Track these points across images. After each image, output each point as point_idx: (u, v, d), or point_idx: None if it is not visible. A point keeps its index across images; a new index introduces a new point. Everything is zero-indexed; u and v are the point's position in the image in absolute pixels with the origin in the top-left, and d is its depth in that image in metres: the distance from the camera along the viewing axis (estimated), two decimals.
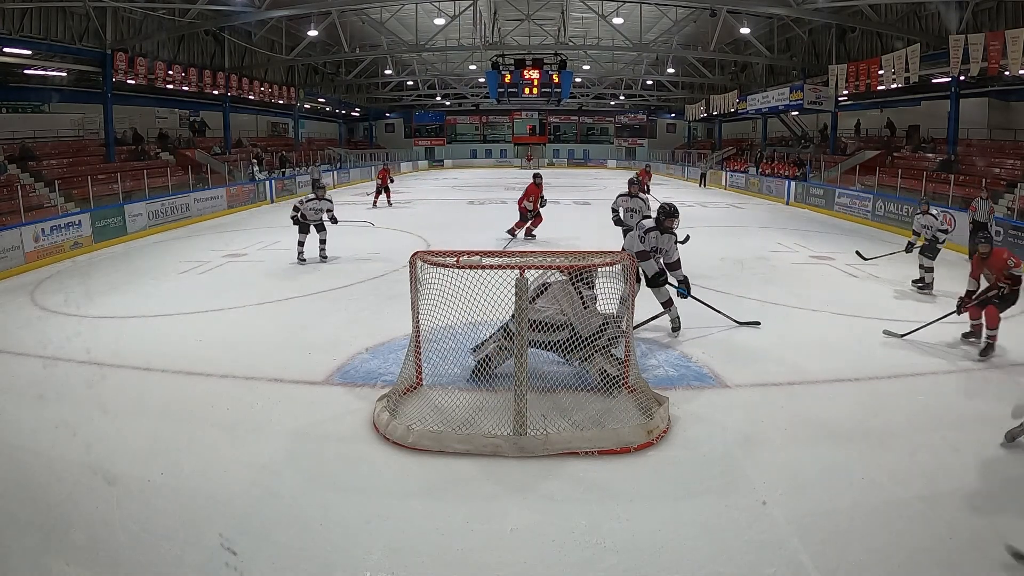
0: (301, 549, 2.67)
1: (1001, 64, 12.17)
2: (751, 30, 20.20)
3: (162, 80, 16.90)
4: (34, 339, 5.50)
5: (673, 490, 3.16)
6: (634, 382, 4.01)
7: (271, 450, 3.52)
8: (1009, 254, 5.13)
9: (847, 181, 16.55)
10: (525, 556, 2.64)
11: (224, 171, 18.33)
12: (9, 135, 14.94)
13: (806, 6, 15.13)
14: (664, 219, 5.43)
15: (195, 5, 15.71)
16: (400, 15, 21.94)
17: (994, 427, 3.78)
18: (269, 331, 5.74)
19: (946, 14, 14.01)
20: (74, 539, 2.74)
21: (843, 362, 4.85)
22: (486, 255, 5.07)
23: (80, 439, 3.60)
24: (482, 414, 3.64)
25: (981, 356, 4.95)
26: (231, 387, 4.39)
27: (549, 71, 20.05)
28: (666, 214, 5.43)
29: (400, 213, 15.00)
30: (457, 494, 3.12)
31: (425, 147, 40.45)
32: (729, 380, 4.52)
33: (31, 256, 8.97)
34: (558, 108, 35.05)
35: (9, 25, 13.24)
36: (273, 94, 22.86)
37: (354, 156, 30.23)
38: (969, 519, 2.88)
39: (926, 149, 17.50)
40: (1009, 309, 5.11)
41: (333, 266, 8.45)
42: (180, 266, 8.70)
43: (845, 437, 3.67)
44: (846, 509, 2.96)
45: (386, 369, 4.63)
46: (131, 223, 11.68)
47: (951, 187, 12.42)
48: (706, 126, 34.38)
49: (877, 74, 15.98)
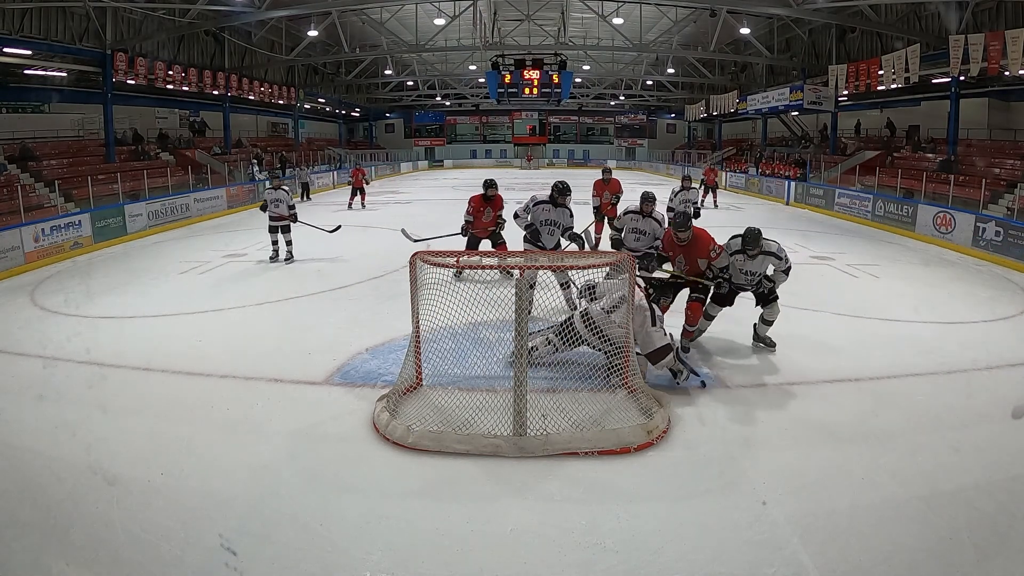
0: (301, 549, 2.67)
1: (1001, 64, 12.16)
2: (751, 30, 20.20)
3: (162, 80, 16.89)
4: (34, 339, 5.50)
5: (673, 490, 3.16)
6: (634, 383, 4.01)
7: (271, 450, 3.51)
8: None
9: (847, 181, 16.55)
10: (525, 556, 2.64)
11: (224, 171, 18.32)
12: (9, 135, 14.93)
13: (806, 6, 15.13)
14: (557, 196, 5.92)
15: (195, 5, 15.70)
16: (400, 15, 21.94)
17: (994, 427, 3.78)
18: (269, 331, 5.74)
19: (946, 14, 14.00)
20: (74, 539, 2.74)
21: (843, 362, 4.85)
22: (486, 255, 5.09)
23: (80, 439, 3.60)
24: (482, 414, 3.64)
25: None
26: (231, 387, 4.39)
27: (549, 71, 20.04)
28: (559, 191, 5.91)
29: (401, 213, 14.99)
30: (457, 494, 3.12)
31: (425, 147, 40.46)
32: (729, 380, 4.52)
33: (31, 256, 8.97)
34: (558, 108, 35.10)
35: (9, 25, 13.24)
36: (273, 94, 22.85)
37: (354, 156, 30.21)
38: (969, 519, 2.88)
39: (926, 149, 17.50)
40: (996, 309, 5.07)
41: (333, 266, 8.45)
42: (180, 266, 8.70)
43: (845, 437, 3.67)
44: (846, 509, 2.95)
45: (386, 369, 4.62)
46: (131, 223, 11.67)
47: (951, 187, 12.42)
48: (706, 126, 34.39)
49: (877, 74, 15.98)
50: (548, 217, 5.96)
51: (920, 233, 11.45)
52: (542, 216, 5.95)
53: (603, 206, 9.02)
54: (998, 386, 4.49)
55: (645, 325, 4.17)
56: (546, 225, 5.97)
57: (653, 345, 4.19)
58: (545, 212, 5.96)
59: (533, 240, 5.99)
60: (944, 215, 10.92)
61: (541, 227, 5.96)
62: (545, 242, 6.00)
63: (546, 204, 5.96)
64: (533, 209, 5.97)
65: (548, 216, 5.96)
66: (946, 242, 10.64)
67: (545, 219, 5.96)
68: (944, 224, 10.84)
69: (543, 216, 5.95)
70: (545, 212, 5.96)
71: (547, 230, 5.98)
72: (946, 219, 10.83)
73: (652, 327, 4.17)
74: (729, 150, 29.34)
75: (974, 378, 4.62)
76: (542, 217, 5.95)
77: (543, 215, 5.95)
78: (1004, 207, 11.55)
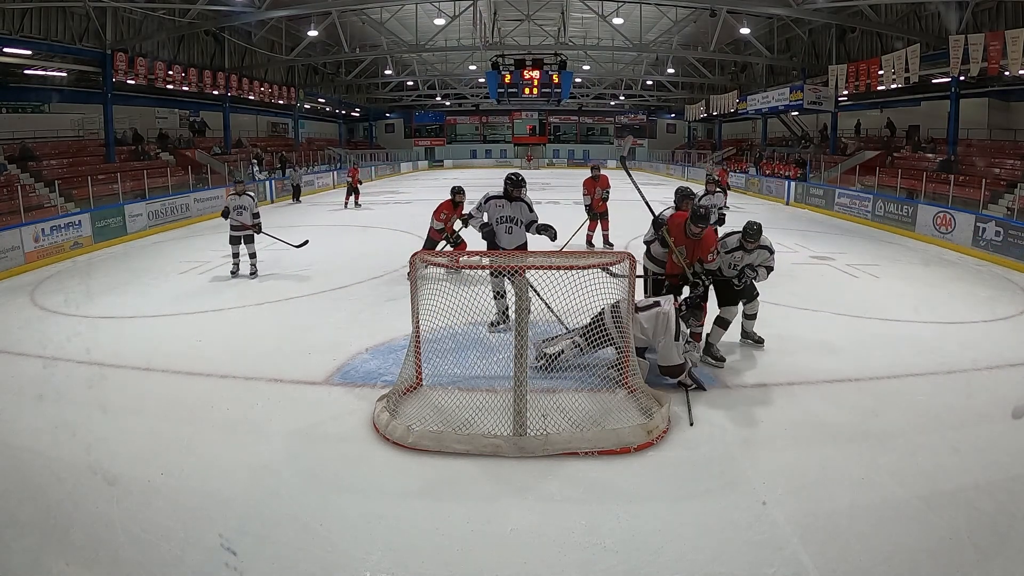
0: (301, 549, 2.67)
1: (1001, 64, 12.17)
2: (751, 30, 20.20)
3: (162, 80, 16.89)
4: (34, 339, 5.50)
5: (673, 490, 3.16)
6: (634, 383, 4.01)
7: (271, 450, 3.51)
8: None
9: (847, 181, 16.55)
10: (525, 556, 2.64)
11: (224, 171, 18.32)
12: (9, 135, 14.93)
13: (806, 6, 15.13)
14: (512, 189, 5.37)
15: (195, 5, 15.70)
16: (400, 15, 21.94)
17: (994, 427, 3.78)
18: (269, 331, 5.74)
19: (946, 14, 14.01)
20: (74, 539, 2.74)
21: (843, 362, 4.85)
22: (486, 255, 5.08)
23: (80, 439, 3.60)
24: (482, 414, 3.64)
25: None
26: (231, 387, 4.39)
27: (549, 71, 20.04)
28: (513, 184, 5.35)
29: (401, 213, 14.99)
30: (457, 494, 3.12)
31: (425, 147, 40.44)
32: (729, 380, 4.52)
33: (31, 256, 8.97)
34: (558, 108, 35.07)
35: (9, 25, 13.24)
36: (273, 94, 22.85)
37: (354, 156, 30.22)
38: (969, 519, 2.88)
39: (926, 149, 17.50)
40: (996, 309, 5.07)
41: (333, 266, 8.44)
42: (180, 266, 8.70)
43: (845, 437, 3.67)
44: (846, 509, 2.95)
45: (386, 369, 4.62)
46: (131, 223, 11.67)
47: (951, 187, 12.42)
48: (706, 126, 34.38)
49: (877, 74, 15.99)
50: (504, 214, 5.35)
51: (920, 233, 11.46)
52: (497, 213, 5.36)
53: (594, 203, 9.31)
54: (998, 386, 4.48)
55: (668, 336, 4.17)
56: (503, 223, 5.37)
57: (670, 360, 4.22)
58: (500, 208, 5.36)
59: (490, 243, 5.41)
60: (944, 215, 10.92)
61: (497, 226, 5.37)
62: (503, 242, 5.38)
63: (500, 199, 5.36)
64: (486, 207, 5.38)
65: (503, 212, 5.35)
66: (946, 242, 10.64)
67: (500, 216, 5.36)
68: (944, 224, 10.84)
69: (498, 213, 5.36)
70: (500, 208, 5.36)
71: (504, 228, 5.38)
72: (946, 219, 10.83)
73: (675, 341, 4.18)
74: (729, 150, 29.34)
75: (974, 378, 4.62)
76: (497, 214, 5.36)
77: (498, 212, 5.36)
78: (1004, 207, 11.55)
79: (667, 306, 4.27)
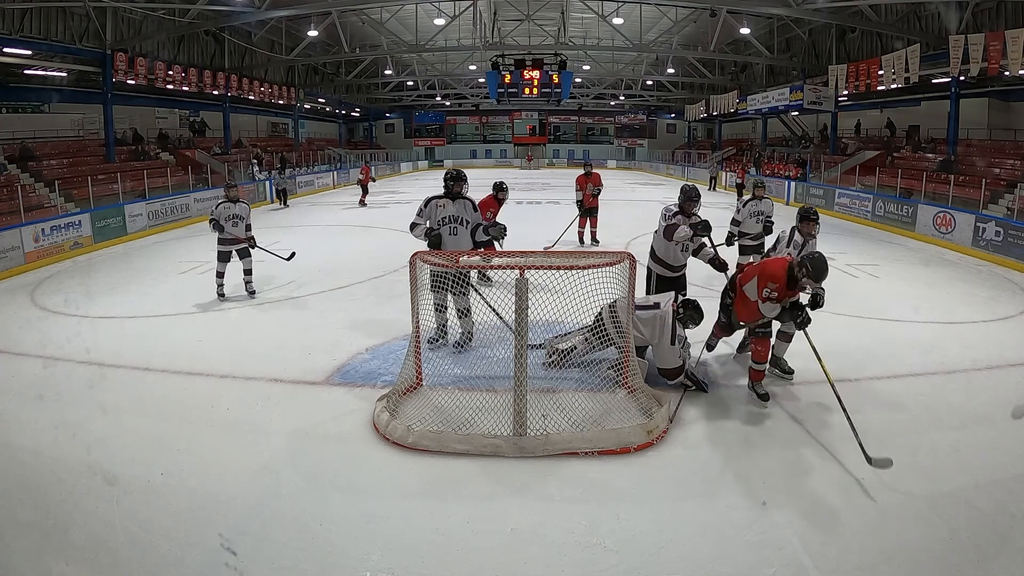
0: (301, 549, 2.67)
1: (1001, 64, 12.16)
2: (751, 30, 20.20)
3: (162, 80, 16.89)
4: (34, 339, 5.50)
5: (673, 490, 3.16)
6: (634, 383, 4.01)
7: (271, 450, 3.51)
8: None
9: (847, 181, 16.56)
10: (525, 556, 2.64)
11: (224, 171, 18.33)
12: (9, 135, 14.93)
13: (806, 6, 15.13)
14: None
15: (195, 5, 15.71)
16: (400, 15, 21.94)
17: (994, 427, 3.78)
18: (269, 331, 5.74)
19: (946, 14, 14.01)
20: (74, 539, 2.74)
21: (843, 362, 4.83)
22: (485, 255, 5.08)
23: (80, 439, 3.60)
24: (482, 414, 3.64)
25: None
26: (231, 387, 4.39)
27: (549, 71, 20.05)
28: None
29: (401, 213, 14.97)
30: (457, 494, 3.12)
31: (425, 147, 40.43)
32: (729, 380, 4.53)
33: (31, 256, 8.97)
34: (558, 108, 35.05)
35: (9, 25, 13.24)
36: (273, 94, 22.85)
37: (354, 156, 30.22)
38: (969, 519, 2.88)
39: (926, 149, 17.50)
40: (996, 309, 5.03)
41: (333, 267, 8.44)
42: (180, 266, 8.70)
43: (845, 437, 3.66)
44: (846, 509, 2.96)
45: (386, 369, 4.62)
46: (131, 223, 11.68)
47: (951, 187, 12.42)
48: (706, 126, 34.38)
49: (877, 74, 15.98)
50: (446, 213, 4.97)
51: (920, 233, 11.46)
52: (439, 214, 4.98)
53: (585, 198, 9.53)
54: (998, 386, 4.48)
55: (664, 339, 4.18)
56: (447, 223, 4.97)
57: (666, 363, 4.23)
58: (442, 208, 4.99)
59: (435, 248, 4.86)
60: (944, 215, 10.92)
61: (442, 227, 4.96)
62: (448, 245, 4.93)
63: (441, 199, 5.01)
64: (427, 210, 5.01)
65: (446, 212, 4.98)
66: (946, 242, 10.64)
67: (443, 216, 4.97)
68: (944, 224, 10.84)
69: (440, 214, 4.97)
70: (442, 208, 4.99)
71: (449, 229, 4.97)
72: (946, 219, 10.82)
73: (671, 345, 4.18)
74: (729, 150, 29.34)
75: (974, 378, 4.62)
76: (439, 215, 4.97)
77: (440, 212, 4.98)
78: (1004, 207, 11.55)
79: (665, 308, 4.27)
